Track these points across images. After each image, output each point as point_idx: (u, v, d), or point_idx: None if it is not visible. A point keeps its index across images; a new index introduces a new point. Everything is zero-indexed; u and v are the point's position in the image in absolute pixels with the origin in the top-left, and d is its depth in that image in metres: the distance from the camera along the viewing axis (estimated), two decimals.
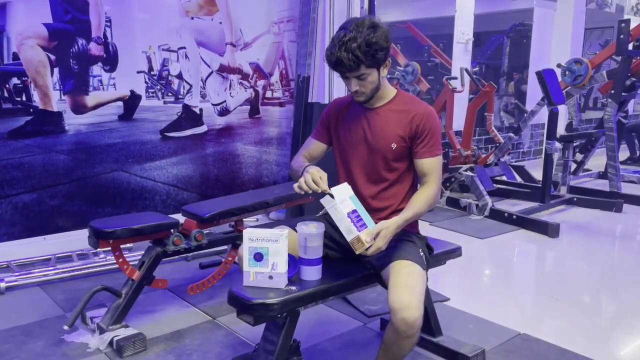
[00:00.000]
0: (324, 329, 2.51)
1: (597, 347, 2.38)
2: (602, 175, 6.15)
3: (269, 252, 1.71)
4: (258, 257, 1.72)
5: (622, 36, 4.86)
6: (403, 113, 1.89)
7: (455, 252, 2.23)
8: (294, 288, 1.72)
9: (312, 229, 1.76)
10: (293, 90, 4.44)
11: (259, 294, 1.68)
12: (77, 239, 3.41)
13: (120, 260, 2.40)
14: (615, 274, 3.40)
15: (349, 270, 1.90)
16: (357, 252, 1.74)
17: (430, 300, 2.22)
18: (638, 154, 7.20)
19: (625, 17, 8.23)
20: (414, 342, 1.75)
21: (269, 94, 4.39)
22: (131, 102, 3.71)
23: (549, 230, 4.00)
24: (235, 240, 2.74)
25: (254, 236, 1.71)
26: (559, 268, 3.60)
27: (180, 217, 2.69)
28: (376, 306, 2.69)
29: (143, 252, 2.54)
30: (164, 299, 2.83)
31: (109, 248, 2.39)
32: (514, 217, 4.26)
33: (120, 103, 3.66)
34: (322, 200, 1.78)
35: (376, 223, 1.94)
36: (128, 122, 3.71)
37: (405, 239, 1.90)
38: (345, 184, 1.83)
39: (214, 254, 3.44)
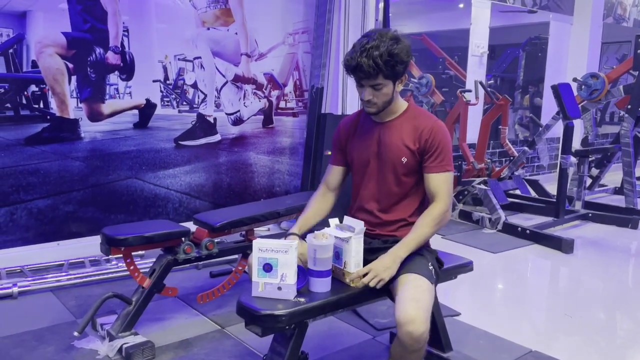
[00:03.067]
0: (332, 341, 2.49)
1: None
2: (618, 191, 6.07)
3: (279, 263, 1.71)
4: (267, 267, 1.72)
5: (639, 51, 4.82)
6: (413, 127, 1.89)
7: (466, 266, 2.21)
8: (302, 299, 1.72)
9: (321, 241, 1.76)
10: (307, 101, 4.46)
11: (267, 305, 1.67)
12: (90, 245, 3.45)
13: (132, 267, 2.41)
14: (630, 292, 3.34)
15: None
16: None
17: (440, 315, 2.20)
18: None
19: None
20: (421, 356, 1.74)
21: (282, 104, 4.42)
22: (146, 110, 3.75)
23: (562, 245, 3.95)
24: (245, 249, 2.74)
25: (263, 247, 1.72)
26: (572, 284, 3.55)
27: (192, 226, 2.70)
28: (386, 319, 2.67)
29: (154, 260, 2.55)
30: (173, 307, 2.83)
31: (121, 255, 2.40)
32: (528, 231, 4.22)
33: (136, 111, 3.70)
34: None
35: (391, 234, 1.95)
36: (143, 130, 3.75)
37: (415, 253, 1.89)
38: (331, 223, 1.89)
39: (225, 263, 3.44)
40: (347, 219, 1.91)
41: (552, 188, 5.48)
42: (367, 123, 1.99)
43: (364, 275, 1.78)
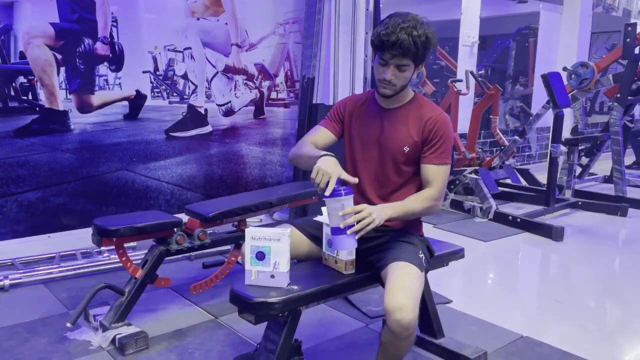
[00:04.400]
0: (325, 329, 2.51)
1: (600, 352, 2.37)
2: (607, 179, 6.13)
3: (271, 251, 1.71)
4: (260, 256, 1.72)
5: (628, 40, 4.85)
6: (418, 116, 1.88)
7: (458, 253, 2.22)
8: (295, 287, 1.72)
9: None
10: (298, 92, 4.45)
11: (260, 293, 1.68)
12: (82, 238, 3.44)
13: (124, 258, 2.41)
14: (619, 278, 3.38)
15: None
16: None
17: (432, 302, 2.22)
18: None
19: (632, 21, 8.21)
20: (411, 343, 1.75)
21: (273, 95, 4.40)
22: (136, 101, 3.73)
23: (553, 233, 3.98)
24: (238, 239, 2.74)
25: (256, 235, 1.72)
26: (562, 271, 3.59)
27: (184, 217, 2.69)
28: (378, 307, 2.69)
29: (146, 251, 2.55)
30: (166, 298, 2.83)
31: (113, 246, 2.40)
32: (518, 220, 4.25)
33: (126, 102, 3.68)
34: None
35: (384, 223, 1.95)
36: (133, 121, 3.73)
37: (405, 241, 1.90)
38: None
39: (217, 254, 3.44)
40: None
41: (542, 177, 5.52)
42: (374, 107, 1.97)
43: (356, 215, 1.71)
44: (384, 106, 1.96)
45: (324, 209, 1.94)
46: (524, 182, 5.49)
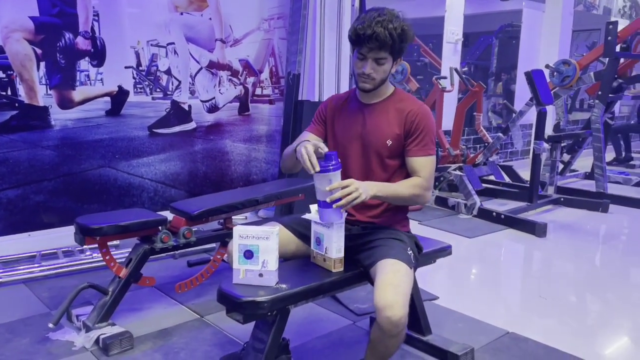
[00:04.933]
0: (313, 327, 2.49)
1: (584, 346, 2.39)
2: (588, 176, 6.21)
3: (260, 250, 1.69)
4: (248, 254, 1.70)
5: (610, 38, 4.90)
6: (399, 110, 1.89)
7: (445, 250, 2.23)
8: (284, 286, 1.71)
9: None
10: (283, 88, 4.42)
11: (248, 291, 1.66)
12: (63, 236, 3.38)
13: (107, 257, 2.36)
14: (601, 274, 3.43)
15: None
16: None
17: (420, 299, 2.22)
18: (623, 155, 7.27)
19: (613, 19, 8.32)
20: (400, 340, 1.75)
21: (258, 91, 4.37)
22: (119, 97, 3.67)
23: (536, 230, 4.02)
24: (224, 237, 2.72)
25: (244, 233, 1.69)
26: (546, 267, 3.62)
27: (168, 214, 2.65)
28: (365, 304, 2.69)
29: (130, 250, 2.51)
30: (151, 297, 2.80)
31: (96, 245, 2.35)
32: (502, 216, 4.28)
33: (108, 98, 3.62)
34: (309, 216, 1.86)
35: (370, 220, 1.96)
36: (115, 117, 3.67)
37: (393, 238, 1.90)
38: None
39: (202, 252, 3.41)
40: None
41: (525, 174, 5.58)
42: (354, 103, 1.98)
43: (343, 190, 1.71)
44: (364, 102, 1.96)
45: (312, 206, 1.93)
46: (507, 179, 5.53)
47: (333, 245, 1.83)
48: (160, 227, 2.46)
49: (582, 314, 2.83)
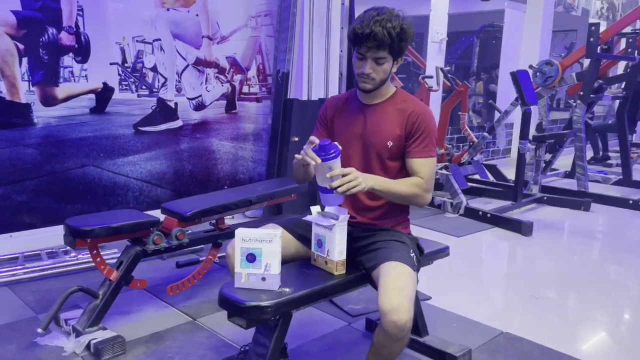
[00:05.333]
0: (308, 329, 2.47)
1: (578, 345, 2.42)
2: (568, 175, 6.31)
3: (262, 253, 1.66)
4: (251, 258, 1.66)
5: (592, 39, 4.97)
6: (400, 111, 1.88)
7: (443, 251, 2.23)
8: (287, 290, 1.68)
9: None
10: (270, 86, 4.38)
11: (252, 296, 1.62)
12: (46, 237, 3.30)
13: (98, 259, 2.30)
14: (588, 272, 3.47)
15: None
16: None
17: (417, 301, 2.21)
18: (601, 154, 7.41)
19: (591, 20, 8.47)
20: (404, 344, 1.73)
21: (245, 89, 4.32)
22: (104, 94, 3.58)
23: (522, 228, 4.06)
24: (216, 239, 2.67)
25: (246, 236, 1.66)
26: (534, 266, 3.65)
27: (154, 214, 2.59)
28: (359, 305, 2.67)
29: (114, 251, 2.45)
30: (140, 300, 2.73)
31: (81, 247, 2.28)
32: (489, 215, 4.31)
33: (92, 95, 3.53)
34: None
35: (371, 222, 1.94)
36: (100, 115, 3.58)
37: (396, 240, 1.88)
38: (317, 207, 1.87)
39: (190, 253, 3.35)
40: (329, 207, 1.88)
41: (506, 172, 5.64)
42: (354, 104, 1.96)
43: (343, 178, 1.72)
44: (365, 102, 1.95)
45: (313, 208, 1.90)
46: (491, 178, 5.58)
47: (335, 248, 1.81)
48: (152, 229, 2.40)
49: (573, 313, 2.86)
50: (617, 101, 6.04)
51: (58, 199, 3.44)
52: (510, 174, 5.59)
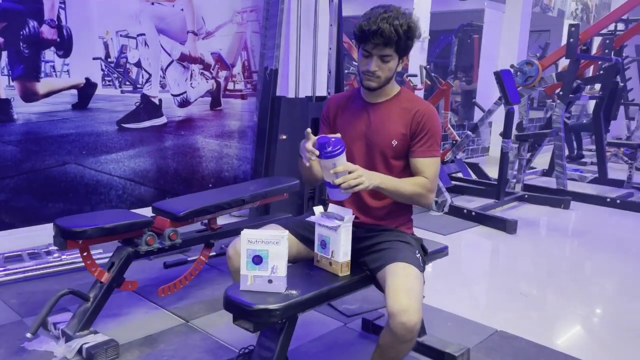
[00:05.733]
0: (304, 330, 2.43)
1: (570, 341, 2.45)
2: (545, 173, 6.42)
3: (269, 255, 1.62)
4: (257, 260, 1.63)
5: (572, 40, 5.06)
6: (405, 110, 1.86)
7: (442, 251, 2.23)
8: (294, 292, 1.64)
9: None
10: (256, 83, 4.32)
11: (259, 299, 1.59)
12: (27, 237, 3.21)
13: (89, 261, 2.23)
14: (575, 270, 3.53)
15: None
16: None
17: None
18: (576, 153, 7.56)
19: (566, 21, 8.63)
20: (411, 346, 1.72)
21: (230, 85, 4.25)
22: (86, 90, 3.48)
23: (507, 226, 4.11)
24: (209, 239, 2.62)
25: (253, 238, 1.62)
26: (521, 264, 3.69)
27: (138, 213, 2.52)
28: (354, 305, 2.66)
29: (99, 251, 2.38)
30: (129, 301, 2.66)
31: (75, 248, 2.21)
32: (473, 213, 4.35)
33: (75, 91, 3.43)
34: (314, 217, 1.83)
35: (375, 222, 1.92)
36: (82, 111, 3.48)
37: (401, 240, 1.87)
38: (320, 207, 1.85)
39: (177, 252, 3.28)
40: (332, 207, 1.85)
41: (487, 170, 5.70)
42: (358, 102, 1.94)
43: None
44: (369, 101, 1.92)
45: (316, 208, 1.88)
46: (473, 176, 5.64)
47: (340, 249, 1.78)
48: (144, 229, 2.34)
49: (564, 310, 2.90)
50: (590, 101, 6.18)
51: (39, 197, 3.33)
52: (489, 171, 5.66)
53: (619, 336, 2.57)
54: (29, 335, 2.11)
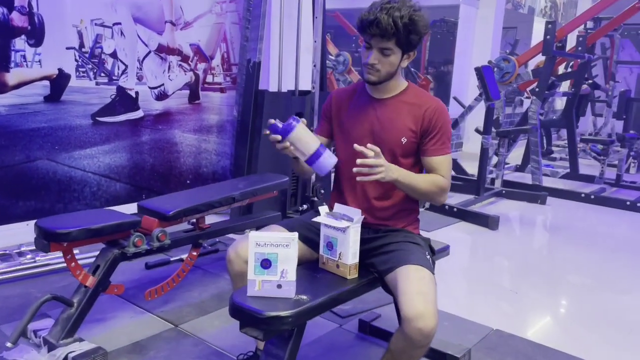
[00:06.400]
0: None
1: (566, 340, 2.45)
2: (518, 168, 6.50)
3: (278, 259, 1.54)
4: (265, 263, 1.54)
5: (548, 37, 5.11)
6: (415, 106, 1.79)
7: (444, 251, 2.19)
8: (305, 297, 1.57)
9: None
10: (235, 76, 4.19)
11: (269, 305, 1.50)
12: None
13: (73, 264, 2.09)
14: (559, 264, 3.56)
15: None
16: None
17: None
18: (545, 148, 7.69)
19: (536, 18, 8.76)
20: (425, 351, 1.67)
21: (209, 78, 4.11)
22: (59, 81, 3.29)
23: (489, 222, 4.12)
24: (197, 239, 2.51)
25: (261, 241, 1.53)
26: (507, 260, 3.68)
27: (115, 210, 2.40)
28: (348, 306, 2.58)
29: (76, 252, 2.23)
30: (113, 305, 2.53)
31: (59, 251, 2.07)
32: (455, 209, 4.35)
33: (47, 82, 3.23)
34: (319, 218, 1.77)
35: (382, 222, 1.86)
36: (55, 104, 3.29)
37: (410, 241, 1.81)
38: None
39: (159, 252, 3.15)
40: (339, 207, 1.78)
41: (464, 166, 5.73)
42: (364, 98, 1.86)
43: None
44: (375, 96, 1.85)
45: (321, 208, 1.80)
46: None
47: (349, 251, 1.71)
48: (132, 230, 2.21)
49: (554, 307, 2.91)
50: (558, 98, 6.28)
51: (8, 195, 3.13)
52: (466, 167, 5.69)
53: (608, 329, 2.59)
54: (9, 344, 1.96)
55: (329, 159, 1.72)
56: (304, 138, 1.70)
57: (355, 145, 1.62)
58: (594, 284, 3.22)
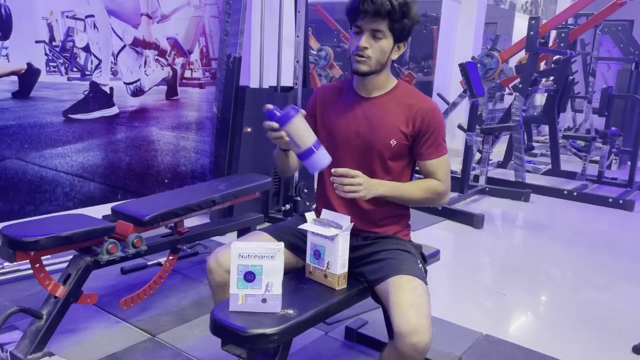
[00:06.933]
0: None
1: (557, 345, 2.39)
2: (500, 165, 6.47)
3: (263, 271, 1.43)
4: (249, 276, 1.43)
5: (532, 33, 5.07)
6: (406, 106, 1.69)
7: (434, 256, 2.10)
8: (291, 312, 1.46)
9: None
10: (214, 71, 4.06)
11: (253, 322, 1.40)
12: None
13: (42, 274, 1.95)
14: (547, 264, 3.52)
15: None
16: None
17: None
18: (526, 144, 7.69)
19: (517, 14, 8.75)
20: None
21: (187, 73, 3.96)
22: (28, 77, 3.12)
23: (474, 221, 4.07)
24: (176, 244, 2.39)
25: (244, 252, 1.43)
26: (494, 261, 3.62)
27: (87, 212, 2.26)
28: None
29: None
30: (86, 315, 2.40)
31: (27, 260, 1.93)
32: (439, 208, 4.28)
33: (15, 78, 3.06)
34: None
35: (372, 230, 1.77)
36: (24, 100, 3.12)
37: (401, 249, 1.72)
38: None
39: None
40: (326, 213, 1.68)
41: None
42: (350, 96, 1.76)
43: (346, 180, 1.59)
44: (363, 95, 1.75)
45: (308, 215, 1.70)
46: None
47: (338, 260, 1.61)
48: (105, 236, 2.08)
49: (541, 309, 2.86)
50: (539, 94, 6.27)
51: None
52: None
53: (594, 331, 2.54)
54: None
55: (323, 158, 1.60)
56: (302, 130, 1.58)
57: (334, 170, 1.57)
58: (579, 283, 3.19)
